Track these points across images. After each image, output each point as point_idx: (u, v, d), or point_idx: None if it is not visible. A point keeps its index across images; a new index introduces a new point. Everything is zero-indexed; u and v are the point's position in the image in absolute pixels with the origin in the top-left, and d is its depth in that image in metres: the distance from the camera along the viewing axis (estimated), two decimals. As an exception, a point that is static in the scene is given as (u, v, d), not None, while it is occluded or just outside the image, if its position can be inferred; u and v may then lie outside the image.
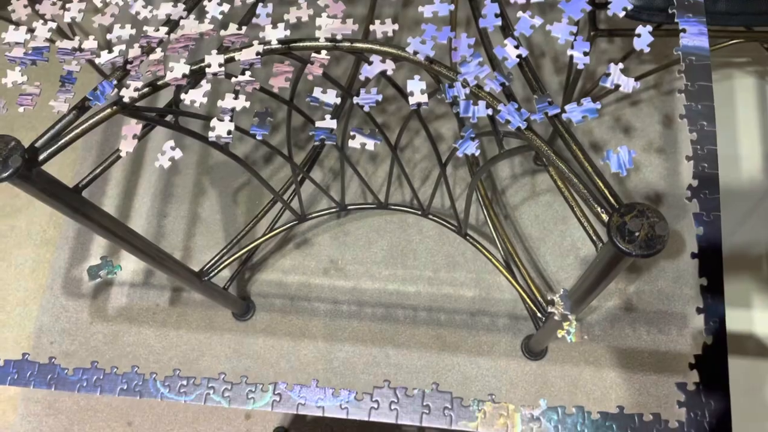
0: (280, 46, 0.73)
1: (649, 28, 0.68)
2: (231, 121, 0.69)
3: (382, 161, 1.68)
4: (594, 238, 0.77)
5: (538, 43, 1.76)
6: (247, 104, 0.70)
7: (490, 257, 1.33)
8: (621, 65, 0.67)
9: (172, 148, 0.71)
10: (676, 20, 0.68)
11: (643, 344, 1.48)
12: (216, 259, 1.34)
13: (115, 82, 0.72)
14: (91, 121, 0.75)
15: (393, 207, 1.37)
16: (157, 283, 1.63)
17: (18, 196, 1.76)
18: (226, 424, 1.51)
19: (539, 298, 1.22)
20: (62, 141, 0.75)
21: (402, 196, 1.64)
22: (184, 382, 0.63)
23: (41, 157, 0.75)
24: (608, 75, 0.67)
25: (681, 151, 1.64)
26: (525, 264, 1.41)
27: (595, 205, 0.66)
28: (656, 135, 1.67)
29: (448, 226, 1.39)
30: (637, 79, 0.67)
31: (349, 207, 1.40)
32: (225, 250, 1.36)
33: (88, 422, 1.53)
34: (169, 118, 0.82)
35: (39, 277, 1.67)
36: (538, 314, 1.20)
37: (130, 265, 1.64)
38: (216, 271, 1.32)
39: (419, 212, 1.33)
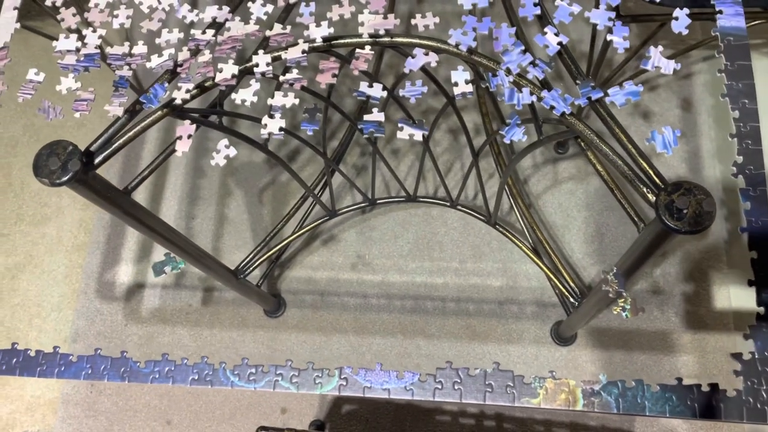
0: (323, 43, 0.75)
1: (686, 11, 0.70)
2: (282, 118, 0.72)
3: (404, 155, 1.70)
4: (636, 219, 0.78)
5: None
6: (297, 101, 0.73)
7: (521, 245, 1.35)
8: (661, 48, 0.69)
9: (227, 146, 0.74)
10: (712, 2, 0.69)
11: (672, 326, 1.49)
12: (250, 257, 1.37)
13: (167, 84, 0.75)
14: (143, 123, 0.77)
15: (421, 200, 1.39)
16: (189, 284, 1.65)
17: (47, 204, 1.80)
18: (263, 418, 1.54)
19: (571, 284, 1.24)
20: (116, 144, 0.77)
21: (425, 189, 1.66)
22: (253, 370, 0.65)
23: (97, 161, 0.77)
24: (648, 58, 0.69)
25: (700, 134, 1.65)
26: (554, 250, 1.43)
27: (641, 186, 0.68)
28: (675, 119, 1.68)
29: (478, 216, 1.41)
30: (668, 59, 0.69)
31: (378, 201, 1.42)
32: (258, 248, 1.39)
33: (128, 422, 1.56)
34: (212, 117, 0.84)
35: (72, 282, 1.70)
36: (571, 299, 1.22)
37: (161, 267, 1.67)
38: (251, 269, 1.35)
39: (448, 204, 1.35)
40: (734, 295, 1.52)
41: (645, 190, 0.68)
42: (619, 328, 1.49)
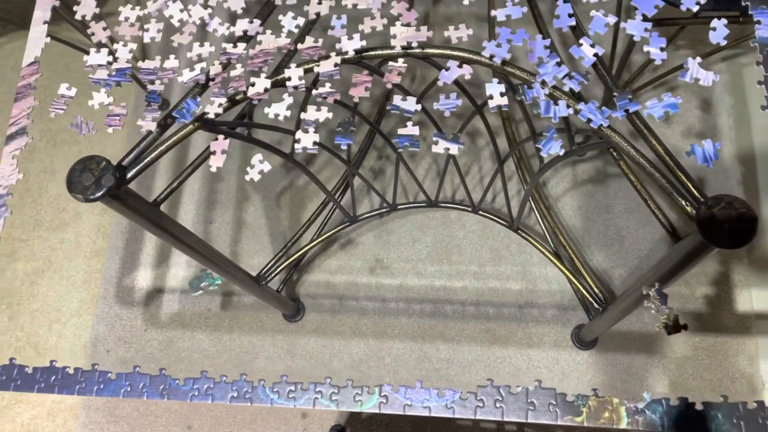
0: (354, 56, 0.75)
1: (724, 21, 0.69)
2: (315, 132, 0.71)
3: (421, 158, 1.70)
4: (670, 230, 0.78)
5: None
6: (330, 115, 0.72)
7: (543, 250, 1.34)
8: (699, 59, 0.68)
9: (261, 161, 0.73)
10: (749, 12, 0.69)
11: (693, 328, 1.48)
12: (271, 263, 1.37)
13: (199, 99, 0.74)
14: (174, 138, 0.77)
15: (443, 205, 1.38)
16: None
17: (65, 209, 1.80)
18: (284, 423, 1.54)
19: (594, 289, 1.24)
20: (148, 158, 0.77)
21: (444, 193, 1.65)
22: (293, 388, 0.65)
23: (129, 175, 0.77)
24: (687, 69, 0.68)
25: (720, 135, 1.64)
26: (576, 253, 1.42)
27: (680, 199, 0.67)
28: (695, 120, 1.67)
29: (500, 221, 1.40)
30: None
31: (400, 207, 1.42)
32: (279, 255, 1.39)
33: (149, 427, 1.56)
34: (239, 129, 0.84)
35: (91, 287, 1.71)
36: (595, 305, 1.21)
37: (180, 271, 1.68)
38: (272, 275, 1.35)
39: (469, 209, 1.34)
40: (756, 298, 1.51)
41: (684, 203, 0.67)
42: (639, 331, 1.49)
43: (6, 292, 1.72)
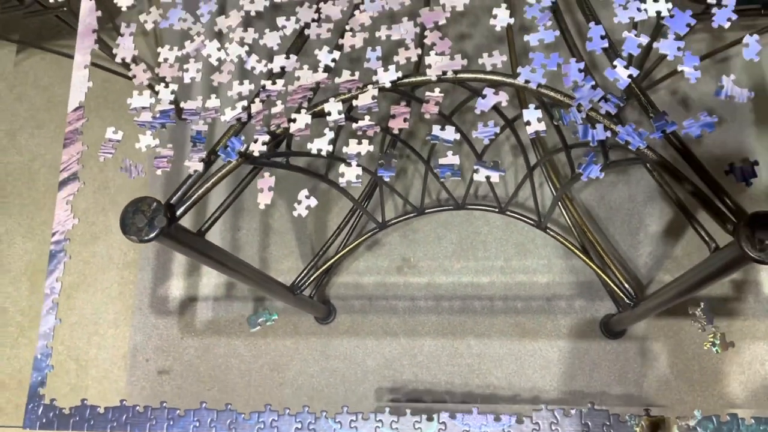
0: (389, 86, 0.77)
1: (757, 37, 0.70)
2: (358, 165, 0.73)
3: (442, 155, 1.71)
4: (707, 239, 0.80)
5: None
6: (371, 148, 0.74)
7: (570, 246, 1.37)
8: (733, 76, 0.69)
9: (307, 197, 0.76)
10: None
11: (722, 313, 1.50)
12: (304, 273, 1.40)
13: (243, 137, 0.77)
14: (220, 174, 0.80)
15: (470, 207, 1.40)
16: (239, 295, 1.69)
17: (94, 223, 1.84)
18: None
19: (624, 284, 1.26)
20: (195, 195, 0.80)
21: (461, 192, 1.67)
22: (354, 417, 0.68)
23: (178, 213, 0.80)
24: (721, 87, 0.69)
25: (740, 118, 1.64)
26: (603, 247, 1.44)
27: (718, 216, 0.69)
28: (714, 104, 1.66)
29: (527, 221, 1.42)
30: (703, 58, 0.69)
31: (427, 211, 1.44)
32: (311, 264, 1.42)
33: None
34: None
35: (126, 298, 1.75)
36: (626, 300, 1.24)
37: (212, 279, 1.71)
38: (306, 284, 1.38)
39: (496, 210, 1.36)
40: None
41: (722, 219, 0.69)
42: (668, 320, 1.51)
43: (44, 307, 1.77)
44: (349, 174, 0.74)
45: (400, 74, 0.76)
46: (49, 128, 1.95)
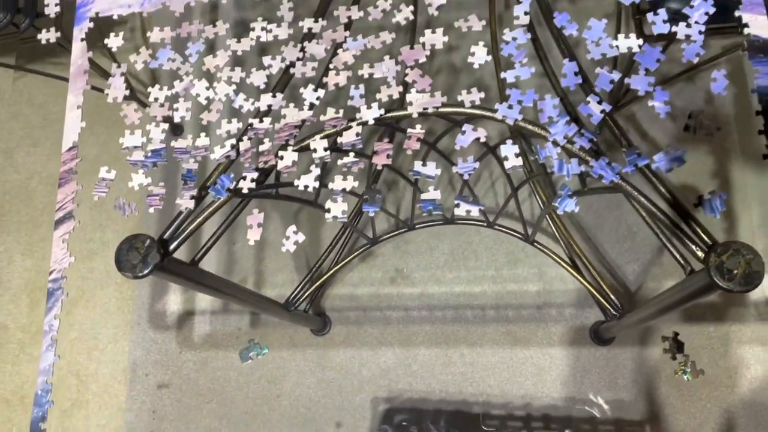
0: (373, 123, 0.79)
1: (724, 71, 0.73)
2: (344, 201, 0.76)
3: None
4: (682, 262, 0.83)
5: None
6: (356, 184, 0.77)
7: (558, 260, 1.40)
8: (703, 110, 0.72)
9: (295, 233, 0.78)
10: (749, 60, 0.72)
11: (708, 319, 1.53)
12: (297, 289, 1.43)
13: (232, 174, 0.79)
14: (211, 209, 0.82)
15: (459, 222, 1.43)
16: (236, 309, 1.72)
17: (92, 239, 1.87)
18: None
19: (611, 296, 1.29)
20: (187, 230, 0.83)
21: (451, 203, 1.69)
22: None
23: (171, 248, 0.82)
24: (690, 123, 0.72)
25: (725, 128, 1.67)
26: (588, 256, 1.47)
27: (690, 244, 0.72)
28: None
29: (515, 235, 1.45)
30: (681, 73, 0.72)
31: (417, 226, 1.47)
32: (305, 281, 1.44)
33: None
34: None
35: (125, 313, 1.78)
36: (612, 311, 1.27)
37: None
38: (299, 301, 1.41)
39: (484, 224, 1.39)
40: None
41: (694, 247, 0.72)
42: (655, 323, 1.54)
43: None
44: (335, 209, 0.76)
45: (382, 111, 0.78)
46: (45, 146, 1.97)
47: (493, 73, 1.48)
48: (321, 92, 0.81)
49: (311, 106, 0.80)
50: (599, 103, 0.75)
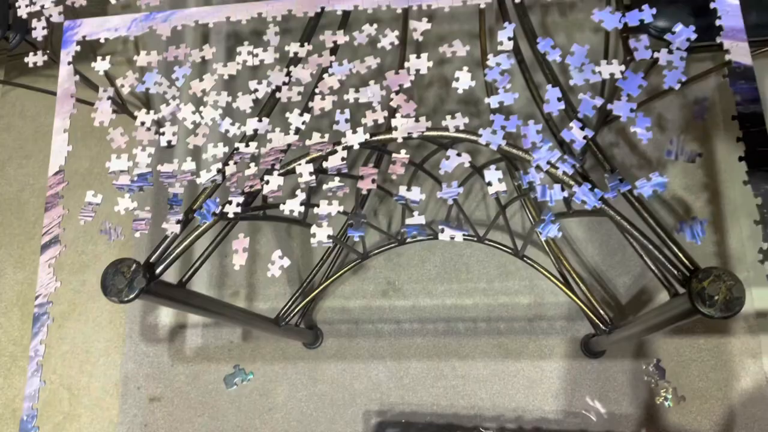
0: (358, 147, 0.80)
1: (707, 97, 0.73)
2: (329, 226, 0.77)
3: (422, 184, 1.74)
4: (666, 284, 0.83)
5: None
6: (341, 208, 0.77)
7: (548, 275, 1.40)
8: (682, 137, 0.72)
9: (281, 257, 0.79)
10: (730, 87, 0.73)
11: (697, 331, 1.54)
12: (288, 304, 1.43)
13: (218, 199, 0.80)
14: (197, 233, 0.83)
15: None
16: (228, 322, 1.72)
17: (84, 252, 1.86)
18: (312, 447, 1.61)
19: (600, 311, 1.29)
20: (174, 254, 0.83)
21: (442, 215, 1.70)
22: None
23: (158, 271, 0.83)
24: (671, 148, 0.73)
25: (713, 139, 1.68)
26: (578, 269, 1.48)
27: (672, 268, 0.73)
28: (689, 125, 1.70)
29: (505, 250, 1.46)
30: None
31: (408, 241, 1.47)
32: (295, 296, 1.45)
33: (185, 459, 1.64)
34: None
35: (117, 326, 1.77)
36: (602, 326, 1.27)
37: (200, 307, 1.74)
38: (290, 316, 1.41)
39: (474, 239, 1.40)
40: (757, 297, 1.57)
41: (676, 272, 0.73)
42: (646, 340, 1.54)
43: (36, 337, 1.79)
44: (320, 234, 0.77)
45: (367, 136, 0.79)
46: (37, 158, 1.97)
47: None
48: (307, 117, 0.81)
49: (297, 131, 0.80)
50: (582, 128, 0.75)
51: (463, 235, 0.73)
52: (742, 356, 1.53)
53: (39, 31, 0.92)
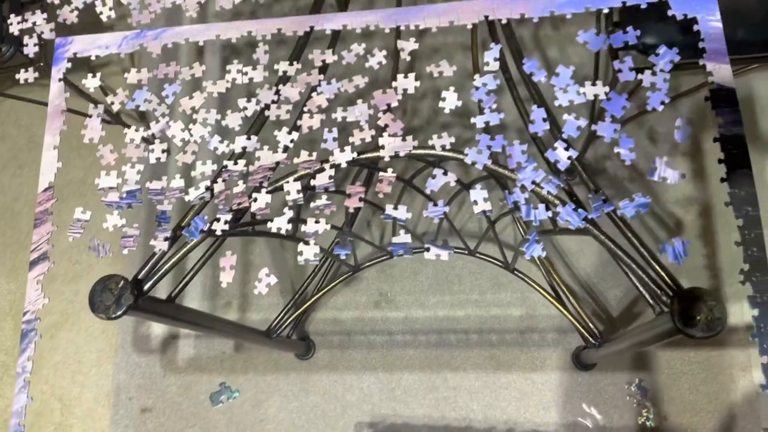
0: (345, 166, 0.80)
1: (686, 119, 0.74)
2: (316, 244, 0.77)
3: (414, 198, 1.75)
4: (651, 302, 0.84)
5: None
6: (328, 227, 0.78)
7: (539, 289, 1.41)
8: (665, 158, 0.73)
9: (267, 275, 0.79)
10: (713, 109, 0.74)
11: (688, 345, 1.55)
12: (279, 317, 1.43)
13: (206, 217, 0.80)
14: (185, 250, 0.83)
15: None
16: (218, 335, 1.72)
17: (78, 262, 1.87)
18: (304, 459, 1.61)
19: (590, 325, 1.30)
20: (162, 270, 0.83)
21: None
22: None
23: (146, 287, 0.83)
24: (654, 169, 0.74)
25: (705, 152, 1.69)
26: (569, 281, 1.48)
27: (655, 288, 0.73)
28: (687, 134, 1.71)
29: (496, 263, 1.46)
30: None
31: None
32: (287, 308, 1.45)
33: (176, 470, 1.63)
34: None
35: (109, 336, 1.78)
36: (591, 340, 1.28)
37: (193, 318, 1.74)
38: (282, 328, 1.41)
39: (465, 252, 1.40)
40: (747, 311, 1.57)
41: (659, 292, 0.73)
42: (637, 352, 1.55)
43: (28, 347, 1.79)
44: (307, 252, 0.77)
45: (355, 155, 0.80)
46: (31, 168, 1.98)
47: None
48: (295, 135, 0.82)
49: (285, 149, 0.81)
50: (566, 149, 0.76)
51: (449, 253, 0.74)
52: (733, 369, 1.54)
53: (31, 48, 0.93)
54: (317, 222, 0.78)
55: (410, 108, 1.74)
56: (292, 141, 0.82)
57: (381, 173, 0.78)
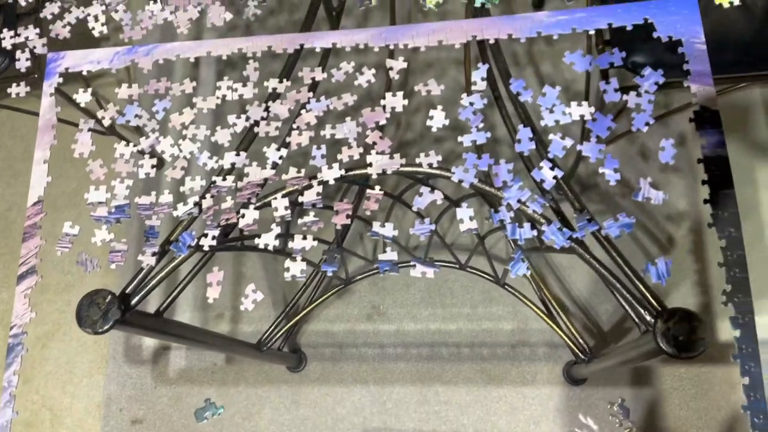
0: (333, 183, 0.81)
1: (672, 141, 0.75)
2: (303, 260, 0.78)
3: (405, 211, 1.75)
4: (637, 320, 0.84)
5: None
6: (315, 243, 0.78)
7: (530, 304, 1.41)
8: (650, 179, 0.74)
9: (254, 291, 0.80)
10: (697, 131, 0.75)
11: (678, 361, 1.55)
12: (270, 329, 1.43)
13: (194, 232, 0.81)
14: (172, 265, 0.83)
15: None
16: (208, 349, 1.72)
17: (69, 272, 1.87)
18: (294, 472, 1.60)
19: (578, 338, 1.30)
20: (149, 285, 0.84)
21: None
22: None
23: (133, 302, 0.83)
24: (639, 189, 0.74)
25: (697, 168, 1.69)
26: (560, 296, 1.49)
27: (640, 309, 0.74)
28: (672, 155, 1.72)
29: (487, 278, 1.47)
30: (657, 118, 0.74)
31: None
32: (278, 320, 1.45)
33: (165, 483, 1.63)
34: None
35: (101, 347, 1.77)
36: (581, 355, 1.28)
37: (184, 329, 1.74)
38: (273, 340, 1.41)
39: (456, 266, 1.41)
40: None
41: (643, 312, 0.74)
42: (628, 367, 1.55)
43: (19, 357, 1.79)
44: (294, 269, 0.78)
45: (343, 172, 0.80)
46: (25, 178, 1.97)
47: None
48: (284, 151, 0.82)
49: (274, 165, 0.82)
50: (552, 168, 0.77)
51: (435, 271, 0.74)
52: (723, 385, 1.54)
53: (23, 63, 0.93)
54: (304, 238, 0.78)
55: (404, 121, 1.75)
56: (281, 157, 0.82)
57: (368, 191, 0.78)
